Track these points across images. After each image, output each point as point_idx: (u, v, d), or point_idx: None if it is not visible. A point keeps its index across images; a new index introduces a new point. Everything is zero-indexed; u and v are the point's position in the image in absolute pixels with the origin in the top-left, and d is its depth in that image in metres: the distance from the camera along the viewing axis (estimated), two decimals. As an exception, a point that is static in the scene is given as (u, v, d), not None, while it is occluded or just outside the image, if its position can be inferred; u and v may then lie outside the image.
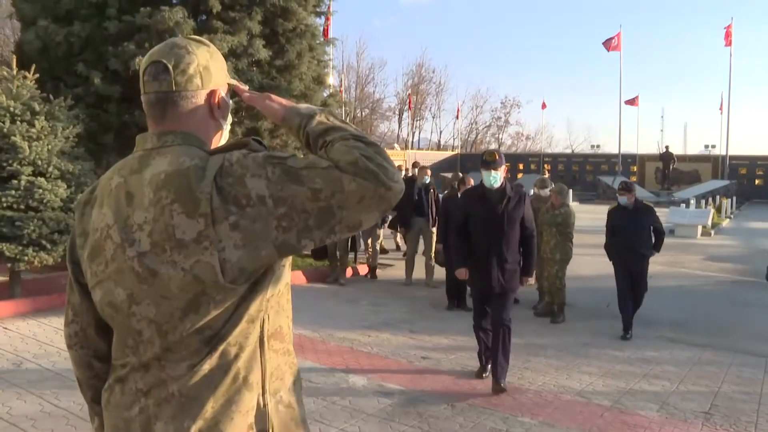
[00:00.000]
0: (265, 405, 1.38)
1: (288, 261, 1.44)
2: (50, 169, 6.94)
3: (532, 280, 5.58)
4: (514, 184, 5.40)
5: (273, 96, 1.51)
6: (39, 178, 6.83)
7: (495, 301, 5.15)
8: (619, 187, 7.53)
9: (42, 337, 5.75)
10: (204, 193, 1.26)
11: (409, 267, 9.72)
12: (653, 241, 7.26)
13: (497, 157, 5.03)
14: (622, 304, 7.18)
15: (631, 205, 7.18)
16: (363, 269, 10.53)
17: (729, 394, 5.26)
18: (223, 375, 1.32)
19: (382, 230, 10.85)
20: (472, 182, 7.72)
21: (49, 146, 6.98)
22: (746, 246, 15.75)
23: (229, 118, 1.54)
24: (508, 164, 5.18)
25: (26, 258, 6.61)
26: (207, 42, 1.47)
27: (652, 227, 7.21)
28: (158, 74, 1.38)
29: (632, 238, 7.14)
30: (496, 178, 5.01)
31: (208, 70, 1.42)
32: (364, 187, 1.23)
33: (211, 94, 1.43)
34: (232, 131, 1.73)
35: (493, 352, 5.06)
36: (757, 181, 32.75)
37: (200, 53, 1.41)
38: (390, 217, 10.65)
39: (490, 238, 5.05)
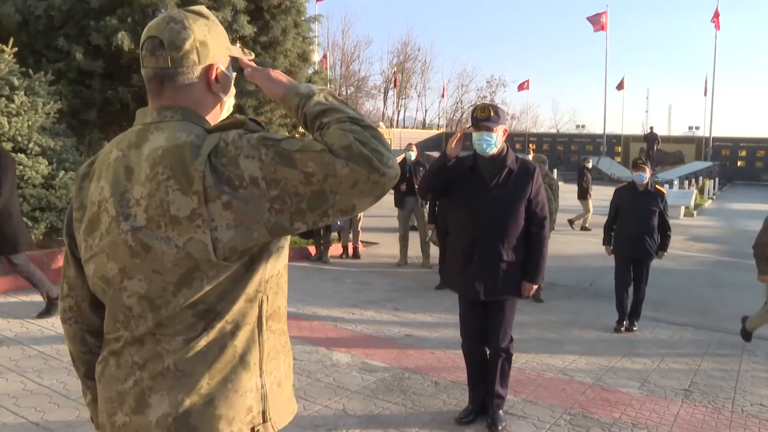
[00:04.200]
0: (263, 386, 1.40)
1: (287, 241, 1.43)
2: (30, 145, 6.83)
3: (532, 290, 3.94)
4: (521, 158, 3.98)
5: (274, 73, 1.48)
6: (19, 154, 6.72)
7: (491, 316, 3.94)
8: (635, 160, 6.61)
9: (24, 316, 5.70)
10: (198, 171, 1.26)
11: (403, 247, 9.56)
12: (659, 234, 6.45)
13: (492, 113, 3.72)
14: (619, 296, 6.63)
15: (647, 185, 6.42)
16: (348, 249, 10.46)
17: (708, 371, 5.36)
18: (219, 351, 1.34)
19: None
20: None
21: (29, 122, 6.86)
22: (728, 227, 15.94)
23: (233, 90, 1.52)
24: (506, 128, 3.87)
25: (7, 235, 6.51)
26: (206, 13, 1.44)
27: (658, 216, 6.37)
28: (155, 50, 1.38)
29: (641, 224, 6.37)
30: (490, 141, 3.73)
31: (205, 45, 1.40)
32: (357, 172, 1.22)
33: (209, 68, 1.42)
34: None
35: (489, 381, 4.01)
36: (739, 163, 33.09)
37: (197, 28, 1.39)
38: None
39: (477, 224, 3.78)
